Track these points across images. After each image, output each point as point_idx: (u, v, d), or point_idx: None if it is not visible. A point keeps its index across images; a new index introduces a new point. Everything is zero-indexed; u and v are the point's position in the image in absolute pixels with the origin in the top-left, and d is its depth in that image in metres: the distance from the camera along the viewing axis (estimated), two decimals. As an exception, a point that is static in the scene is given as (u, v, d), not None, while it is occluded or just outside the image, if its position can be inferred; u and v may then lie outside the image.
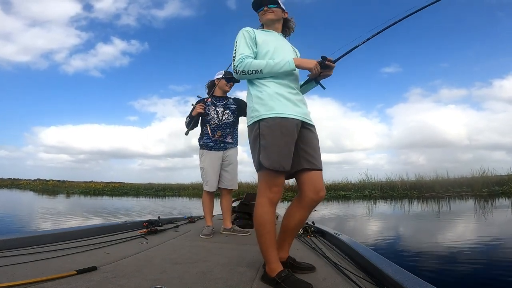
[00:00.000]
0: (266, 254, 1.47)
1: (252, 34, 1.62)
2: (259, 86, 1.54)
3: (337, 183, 16.10)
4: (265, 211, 1.46)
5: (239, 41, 1.60)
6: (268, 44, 1.62)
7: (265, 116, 1.46)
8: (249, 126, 1.55)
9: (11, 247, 1.94)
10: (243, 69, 1.51)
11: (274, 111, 1.46)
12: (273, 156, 1.42)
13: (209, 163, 2.98)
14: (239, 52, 1.56)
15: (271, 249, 1.46)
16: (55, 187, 25.05)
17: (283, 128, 1.44)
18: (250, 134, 1.54)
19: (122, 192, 20.83)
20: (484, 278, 2.70)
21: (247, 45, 1.58)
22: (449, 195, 11.81)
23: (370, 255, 1.75)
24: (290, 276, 1.40)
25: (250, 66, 1.50)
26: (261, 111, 1.47)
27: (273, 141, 1.42)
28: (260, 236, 1.48)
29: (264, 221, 1.46)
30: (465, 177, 13.58)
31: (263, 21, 1.76)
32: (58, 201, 13.65)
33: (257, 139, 1.47)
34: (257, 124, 1.48)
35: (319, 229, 2.83)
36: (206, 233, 2.79)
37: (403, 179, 14.47)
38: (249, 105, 1.58)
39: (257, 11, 1.78)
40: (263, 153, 1.43)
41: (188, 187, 19.46)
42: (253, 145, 1.50)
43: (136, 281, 1.46)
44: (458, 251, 3.59)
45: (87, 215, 7.96)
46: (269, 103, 1.47)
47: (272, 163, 1.41)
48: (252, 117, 1.52)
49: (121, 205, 11.99)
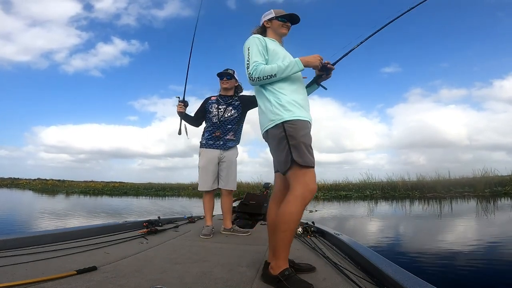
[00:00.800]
0: (279, 250, 1.47)
1: (263, 41, 1.68)
2: (276, 93, 1.60)
3: (337, 183, 16.06)
4: (297, 209, 1.46)
5: (252, 48, 1.65)
6: (279, 51, 1.71)
7: (289, 118, 1.53)
8: (271, 128, 1.58)
9: (11, 247, 1.95)
10: (258, 75, 1.58)
11: (296, 114, 1.55)
12: (306, 154, 1.50)
13: (205, 162, 2.99)
14: (253, 60, 1.61)
15: (286, 248, 1.48)
16: (55, 186, 25.01)
17: (306, 129, 1.56)
18: (273, 136, 1.58)
19: (121, 192, 20.73)
20: (485, 279, 2.69)
21: (259, 53, 1.64)
22: (451, 196, 11.75)
23: (370, 255, 1.75)
24: (293, 276, 1.41)
25: (264, 72, 1.57)
26: (284, 114, 1.54)
27: (302, 141, 1.50)
28: (281, 232, 1.47)
29: (290, 220, 1.46)
30: (467, 178, 13.55)
31: (279, 33, 1.85)
32: (56, 201, 13.52)
33: (284, 140, 1.52)
34: (281, 126, 1.53)
35: (319, 229, 2.83)
36: (205, 233, 2.79)
37: (404, 179, 14.43)
38: (267, 109, 1.62)
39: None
40: (296, 152, 1.49)
41: (188, 187, 19.46)
42: (279, 146, 1.55)
43: (136, 281, 1.46)
44: (459, 251, 3.59)
45: (86, 216, 7.89)
46: (289, 108, 1.55)
47: (307, 161, 1.49)
48: (273, 120, 1.57)
49: (116, 205, 11.78)
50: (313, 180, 1.51)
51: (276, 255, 1.49)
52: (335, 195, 14.24)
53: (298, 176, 1.49)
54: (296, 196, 1.46)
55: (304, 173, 1.49)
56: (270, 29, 1.85)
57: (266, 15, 1.86)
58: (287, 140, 1.51)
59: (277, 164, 1.64)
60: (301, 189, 1.47)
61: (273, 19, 1.83)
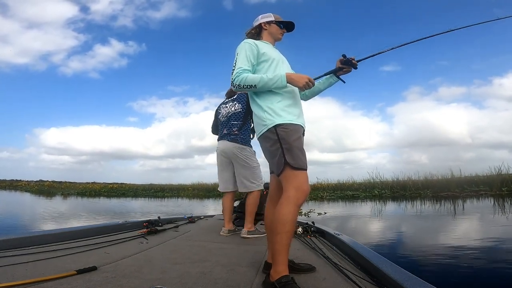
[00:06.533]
0: (277, 255, 1.43)
1: (254, 46, 1.67)
2: (267, 99, 1.61)
3: (342, 183, 15.57)
4: (290, 211, 1.45)
5: (240, 53, 1.65)
6: (272, 55, 1.71)
7: (280, 122, 1.55)
8: (264, 133, 1.59)
9: (11, 247, 1.95)
10: (239, 83, 1.58)
11: (287, 119, 1.57)
12: (300, 157, 1.51)
13: (217, 161, 3.08)
14: (238, 65, 1.62)
15: (284, 251, 1.43)
16: (51, 188, 24.66)
17: (298, 132, 1.58)
18: (266, 140, 1.60)
19: (119, 193, 20.15)
20: (488, 279, 2.67)
21: (246, 58, 1.64)
22: (466, 195, 11.05)
23: (370, 255, 1.75)
24: (290, 284, 1.34)
25: (246, 81, 1.57)
26: (275, 119, 1.56)
27: (294, 144, 1.52)
28: (276, 234, 1.44)
29: (286, 220, 1.44)
30: (479, 176, 12.87)
31: (275, 37, 1.87)
32: (42, 204, 12.37)
33: (276, 143, 1.54)
34: (273, 130, 1.55)
35: (319, 229, 2.82)
36: (222, 233, 2.92)
37: (411, 178, 13.69)
38: (259, 115, 1.63)
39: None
40: (289, 155, 1.50)
41: (188, 187, 19.36)
42: (272, 149, 1.57)
43: (136, 281, 1.46)
44: (467, 252, 3.43)
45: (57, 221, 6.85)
46: (281, 113, 1.57)
47: (300, 163, 1.50)
48: (265, 125, 1.58)
49: (100, 207, 10.97)
50: (306, 181, 1.52)
51: (274, 259, 1.45)
52: (341, 195, 13.67)
53: (290, 178, 1.49)
54: (289, 197, 1.46)
55: (297, 175, 1.49)
56: (267, 32, 1.85)
57: (264, 17, 1.85)
58: (280, 143, 1.53)
59: (271, 166, 1.66)
60: (294, 191, 1.47)
61: (272, 23, 1.84)
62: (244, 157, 2.92)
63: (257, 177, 2.95)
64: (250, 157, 2.95)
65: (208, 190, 17.26)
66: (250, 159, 2.94)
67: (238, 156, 2.92)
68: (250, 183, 2.91)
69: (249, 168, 2.93)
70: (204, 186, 18.51)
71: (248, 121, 2.98)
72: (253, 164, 2.95)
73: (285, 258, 1.42)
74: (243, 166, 2.92)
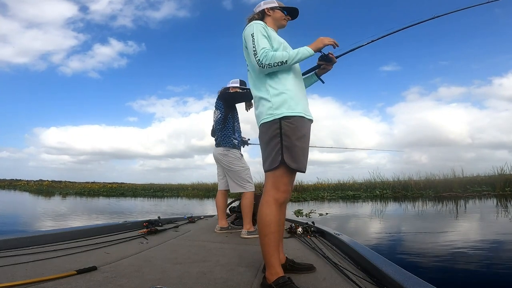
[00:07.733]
0: (268, 257, 1.40)
1: (267, 28, 1.57)
2: (277, 81, 1.49)
3: (342, 183, 15.56)
4: (272, 211, 1.41)
5: (257, 34, 1.50)
6: (280, 39, 1.62)
7: (288, 114, 1.43)
8: (266, 123, 1.46)
9: (11, 247, 1.94)
10: (269, 62, 1.44)
11: (297, 110, 1.44)
12: (300, 158, 1.43)
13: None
14: (261, 46, 1.47)
15: (274, 252, 1.39)
16: (50, 187, 24.59)
17: (306, 130, 1.47)
18: (266, 130, 1.47)
19: (118, 193, 19.99)
20: (488, 280, 2.66)
21: (265, 38, 1.52)
22: (469, 195, 10.93)
23: (370, 255, 1.74)
24: (288, 284, 1.32)
25: (275, 58, 1.44)
26: (283, 108, 1.43)
27: (298, 144, 1.42)
28: (263, 237, 1.41)
29: (269, 221, 1.40)
30: (481, 176, 12.86)
31: (279, 24, 1.76)
32: (41, 204, 12.05)
33: (276, 138, 1.42)
34: (277, 122, 1.43)
35: (319, 229, 2.82)
36: (215, 230, 3.04)
37: (412, 178, 13.61)
38: (263, 97, 1.49)
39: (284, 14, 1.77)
40: (288, 154, 1.40)
41: (188, 187, 19.37)
42: (269, 142, 1.45)
43: (136, 281, 1.46)
44: (466, 252, 3.41)
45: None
46: (290, 101, 1.45)
47: (299, 165, 1.43)
48: (271, 114, 1.45)
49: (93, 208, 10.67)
50: (291, 182, 1.47)
51: (267, 262, 1.40)
52: (342, 195, 13.57)
53: (276, 178, 1.43)
54: (269, 198, 1.43)
55: (284, 175, 1.43)
56: (271, 17, 1.73)
57: (267, 2, 1.75)
58: (280, 138, 1.41)
59: (263, 158, 1.51)
60: (274, 191, 1.43)
61: (276, 9, 1.74)
62: (226, 162, 3.02)
63: (244, 180, 2.99)
64: (233, 161, 3.01)
65: (208, 190, 17.25)
66: (232, 164, 3.01)
67: (221, 160, 3.06)
68: (237, 186, 3.00)
69: (233, 172, 3.01)
70: (204, 186, 18.52)
71: (227, 122, 3.06)
72: (236, 168, 3.00)
73: (276, 259, 1.40)
74: (228, 170, 3.05)
